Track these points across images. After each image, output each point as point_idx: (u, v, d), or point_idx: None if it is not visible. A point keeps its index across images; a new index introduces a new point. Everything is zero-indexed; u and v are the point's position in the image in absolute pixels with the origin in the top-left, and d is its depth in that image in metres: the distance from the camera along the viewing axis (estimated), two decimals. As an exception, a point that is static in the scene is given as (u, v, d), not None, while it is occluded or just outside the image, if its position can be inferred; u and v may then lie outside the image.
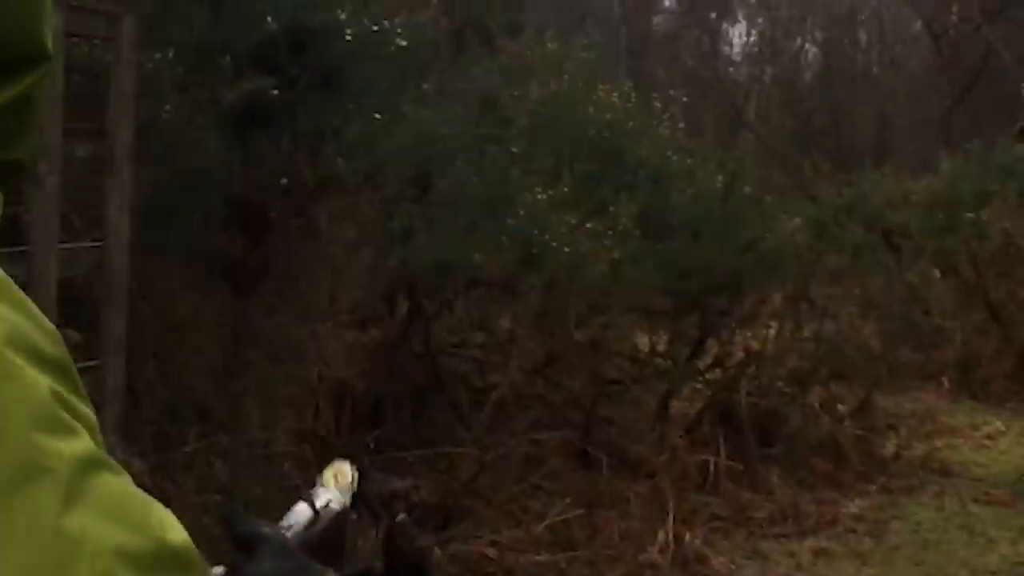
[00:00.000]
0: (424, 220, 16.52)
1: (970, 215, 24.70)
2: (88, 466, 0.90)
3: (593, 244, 18.03)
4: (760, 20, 54.34)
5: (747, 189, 20.93)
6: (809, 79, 51.85)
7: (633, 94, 23.04)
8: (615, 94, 21.97)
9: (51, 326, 0.98)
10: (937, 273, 24.12)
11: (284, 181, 11.34)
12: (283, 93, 10.82)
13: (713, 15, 54.97)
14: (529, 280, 18.89)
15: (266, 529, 1.53)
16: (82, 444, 0.91)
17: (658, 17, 57.63)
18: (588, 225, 17.98)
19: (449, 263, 16.96)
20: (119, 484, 0.93)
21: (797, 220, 24.80)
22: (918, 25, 43.81)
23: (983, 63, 36.68)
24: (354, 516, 1.72)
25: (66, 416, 0.91)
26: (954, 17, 38.59)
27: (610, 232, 18.50)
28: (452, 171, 16.43)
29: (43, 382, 0.91)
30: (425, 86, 15.76)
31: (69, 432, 0.90)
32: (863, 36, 51.54)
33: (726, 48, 55.58)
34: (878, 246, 24.95)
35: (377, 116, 12.36)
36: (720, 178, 21.26)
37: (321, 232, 12.55)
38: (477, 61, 22.93)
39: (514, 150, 19.83)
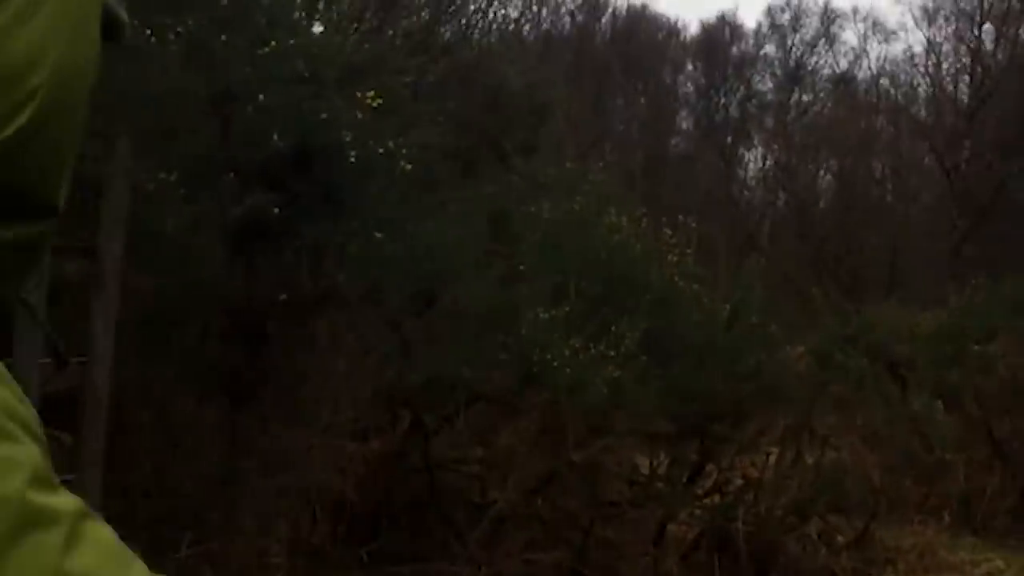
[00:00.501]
0: (426, 334, 16.63)
1: (976, 349, 24.68)
2: (83, 517, 1.01)
3: (595, 365, 18.10)
4: (776, 146, 54.73)
5: (753, 318, 21.03)
6: (823, 206, 52.08)
7: (644, 219, 23.25)
8: (624, 217, 22.15)
9: (34, 411, 1.08)
10: (941, 406, 24.04)
11: (284, 295, 11.44)
12: (286, 209, 10.97)
13: (729, 139, 55.39)
14: (530, 398, 18.95)
15: None
16: (73, 499, 1.02)
17: (675, 139, 58.07)
18: (591, 347, 18.06)
19: (451, 378, 17.02)
20: (109, 532, 1.06)
21: (801, 348, 24.82)
22: (931, 158, 44.10)
23: (994, 199, 36.87)
24: None
25: (55, 477, 1.02)
26: (966, 153, 38.86)
27: (613, 354, 18.58)
28: (457, 286, 16.56)
29: (36, 449, 1.02)
30: (430, 203, 15.92)
31: (61, 490, 1.01)
32: (877, 166, 51.83)
33: (741, 172, 55.97)
34: (882, 377, 24.91)
35: (378, 234, 12.46)
36: (726, 305, 21.41)
37: (320, 345, 12.63)
38: (489, 178, 23.17)
39: (522, 267, 19.99)
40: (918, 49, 46.24)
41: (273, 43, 11.70)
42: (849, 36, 53.73)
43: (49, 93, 1.13)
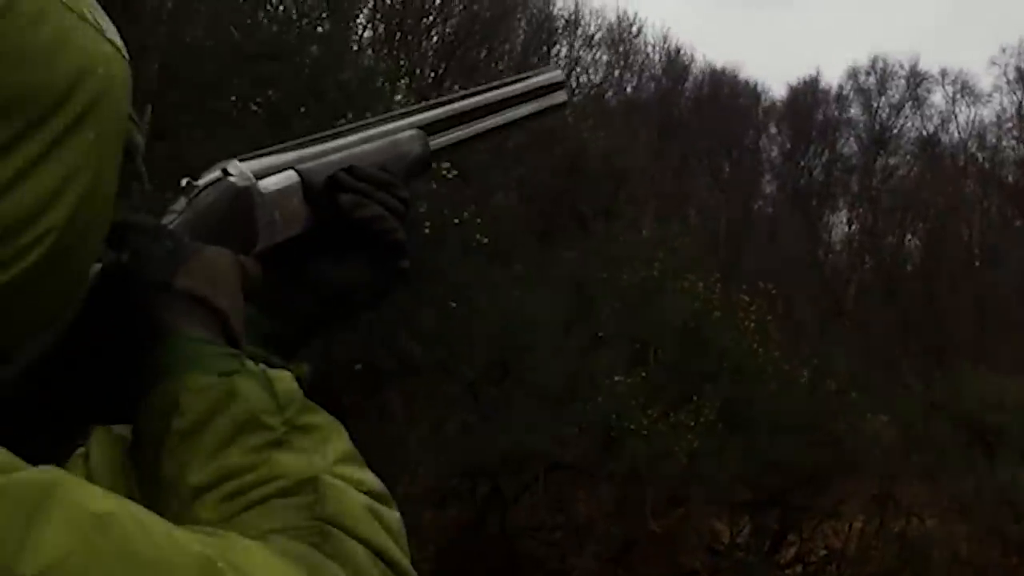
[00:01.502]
0: (504, 403, 16.59)
1: (1066, 419, 24.22)
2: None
3: (674, 434, 17.99)
4: (861, 210, 54.27)
5: (832, 385, 20.84)
6: (909, 270, 51.52)
7: (719, 284, 23.15)
8: (701, 284, 22.08)
9: None
10: (1030, 477, 23.59)
11: (360, 365, 11.47)
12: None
13: (814, 203, 55.01)
14: (609, 466, 18.84)
15: (135, 217, 1.42)
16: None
17: (759, 202, 57.76)
18: (670, 415, 17.97)
19: (529, 447, 16.96)
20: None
21: (884, 418, 24.49)
22: (1020, 222, 43.58)
23: (1084, 264, 36.34)
24: (266, 189, 1.61)
25: None
26: (1056, 216, 38.40)
27: (692, 423, 18.46)
28: (534, 355, 16.54)
29: None
30: (506, 272, 15.96)
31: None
32: (965, 230, 51.24)
33: (826, 236, 55.50)
34: (969, 446, 24.51)
35: (453, 304, 12.49)
36: (805, 372, 21.23)
37: (395, 415, 12.64)
38: (567, 244, 23.18)
39: (600, 335, 19.96)
40: (1008, 112, 45.72)
41: (349, 114, 11.82)
42: (937, 99, 53.04)
43: (61, 237, 1.15)
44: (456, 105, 1.92)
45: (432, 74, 29.25)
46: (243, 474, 1.18)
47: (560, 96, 2.16)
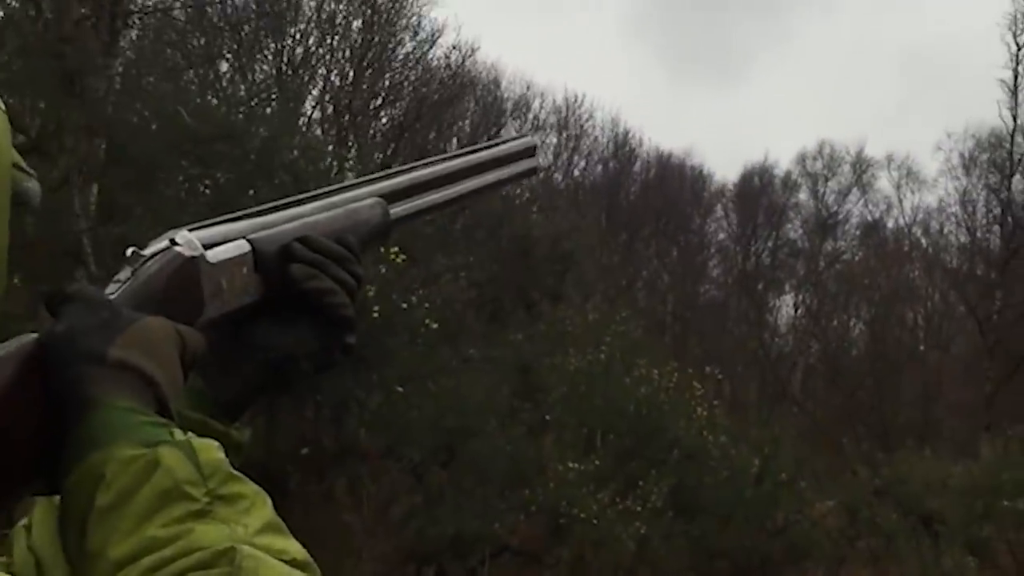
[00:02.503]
0: (450, 487, 16.48)
1: (1009, 504, 24.32)
2: None
3: (623, 520, 17.91)
4: (807, 294, 54.69)
5: (783, 475, 20.86)
6: (855, 354, 51.86)
7: (673, 371, 23.17)
8: (656, 371, 22.11)
9: None
10: (973, 562, 23.64)
11: (305, 450, 11.36)
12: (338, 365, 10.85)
13: (760, 287, 55.39)
14: (557, 552, 18.72)
15: (75, 286, 1.40)
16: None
17: (706, 286, 58.11)
18: (619, 502, 17.88)
19: (475, 531, 16.84)
20: None
21: (830, 503, 24.52)
22: (964, 308, 44.01)
23: (1027, 349, 36.71)
24: (215, 259, 1.56)
25: None
26: (998, 303, 38.74)
27: (640, 509, 18.39)
28: (482, 439, 16.45)
29: None
30: (454, 356, 15.92)
31: None
32: (909, 315, 51.72)
33: (772, 320, 55.86)
34: (915, 531, 24.55)
35: (400, 388, 12.42)
36: (756, 460, 21.21)
37: (341, 500, 12.51)
38: (515, 327, 23.17)
39: (547, 418, 19.90)
40: (952, 198, 46.36)
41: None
42: (883, 184, 53.71)
43: None
44: (420, 173, 1.91)
45: (380, 156, 29.30)
46: (163, 547, 1.16)
47: (532, 162, 2.17)
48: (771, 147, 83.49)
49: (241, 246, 1.57)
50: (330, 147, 25.12)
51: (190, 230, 1.53)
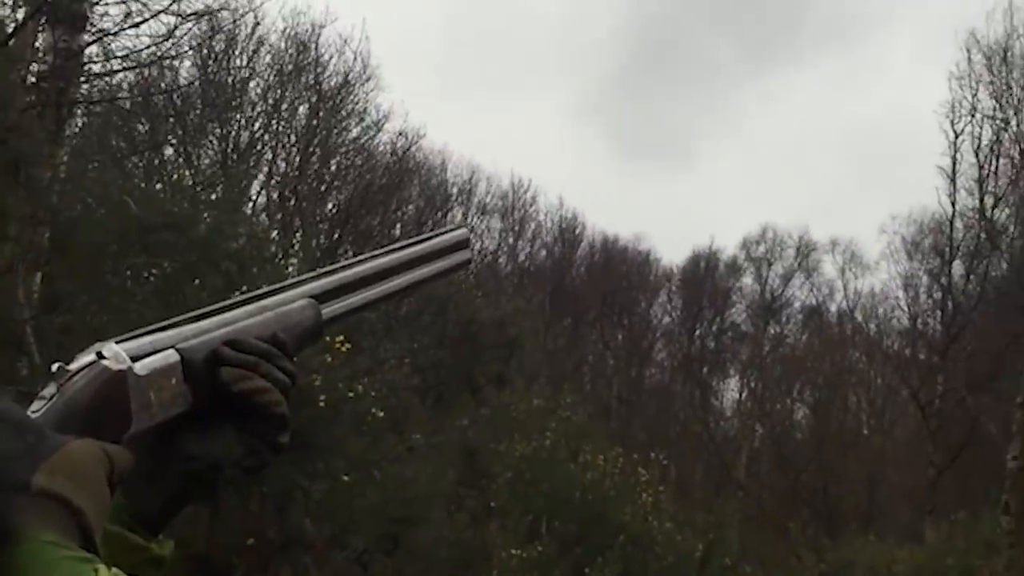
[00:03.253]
0: (395, 575, 16.38)
1: (952, 591, 24.42)
2: None
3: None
4: (751, 377, 54.98)
5: (728, 560, 20.87)
6: (799, 438, 52.06)
7: (619, 457, 23.18)
8: (601, 457, 22.13)
9: None
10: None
11: (250, 540, 11.28)
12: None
13: (705, 370, 55.63)
14: (502, 640, 18.61)
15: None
16: None
17: (651, 370, 58.31)
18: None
19: (420, 620, 16.74)
20: None
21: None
22: (906, 392, 44.31)
23: (969, 433, 36.88)
24: (143, 371, 1.52)
25: None
26: (940, 388, 39.03)
27: (585, 596, 18.36)
28: (427, 527, 16.39)
29: None
30: (400, 443, 15.89)
31: None
32: (852, 399, 52.02)
33: (717, 403, 56.08)
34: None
35: (345, 477, 12.38)
36: (700, 545, 21.24)
37: (285, 591, 12.42)
38: (461, 413, 23.14)
39: (493, 504, 19.84)
40: (894, 282, 46.84)
41: (244, 287, 11.75)
42: (826, 268, 54.20)
43: None
44: (351, 272, 1.92)
45: (326, 240, 29.32)
46: None
47: (465, 254, 2.18)
48: (717, 231, 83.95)
49: (170, 356, 1.57)
50: (275, 233, 25.12)
51: (117, 342, 1.54)
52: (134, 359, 1.53)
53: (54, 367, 1.49)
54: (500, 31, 73.85)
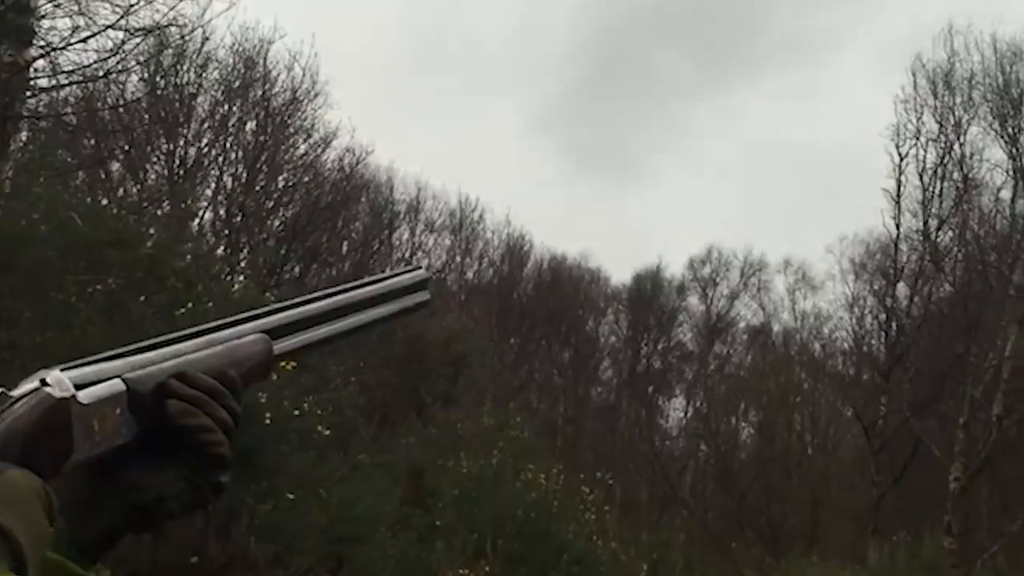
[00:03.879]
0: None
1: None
2: None
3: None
4: (697, 397, 55.19)
5: (670, 577, 20.97)
6: (744, 457, 52.28)
7: (562, 476, 23.22)
8: (543, 475, 22.15)
9: None
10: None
11: (194, 559, 11.23)
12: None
13: (651, 389, 55.80)
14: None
15: None
16: None
17: (598, 388, 58.43)
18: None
19: (364, 639, 16.67)
20: None
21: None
22: (850, 412, 44.57)
23: (912, 455, 37.15)
24: (88, 399, 1.51)
25: None
26: (883, 409, 39.29)
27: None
28: (372, 545, 16.34)
29: None
30: (346, 462, 15.85)
31: None
32: (797, 419, 52.28)
33: (663, 423, 56.25)
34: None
35: (290, 495, 12.34)
36: (645, 565, 21.29)
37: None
38: (407, 431, 23.12)
39: (438, 523, 19.82)
40: (839, 303, 47.16)
41: (190, 304, 11.76)
42: (771, 289, 54.58)
43: None
44: (306, 308, 1.89)
45: (273, 257, 29.22)
46: None
47: (423, 295, 2.15)
48: (666, 249, 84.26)
49: (115, 386, 1.56)
50: (222, 250, 25.02)
51: (63, 369, 1.52)
52: (79, 387, 1.51)
53: None
54: (453, 45, 73.89)
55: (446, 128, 71.89)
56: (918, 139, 39.14)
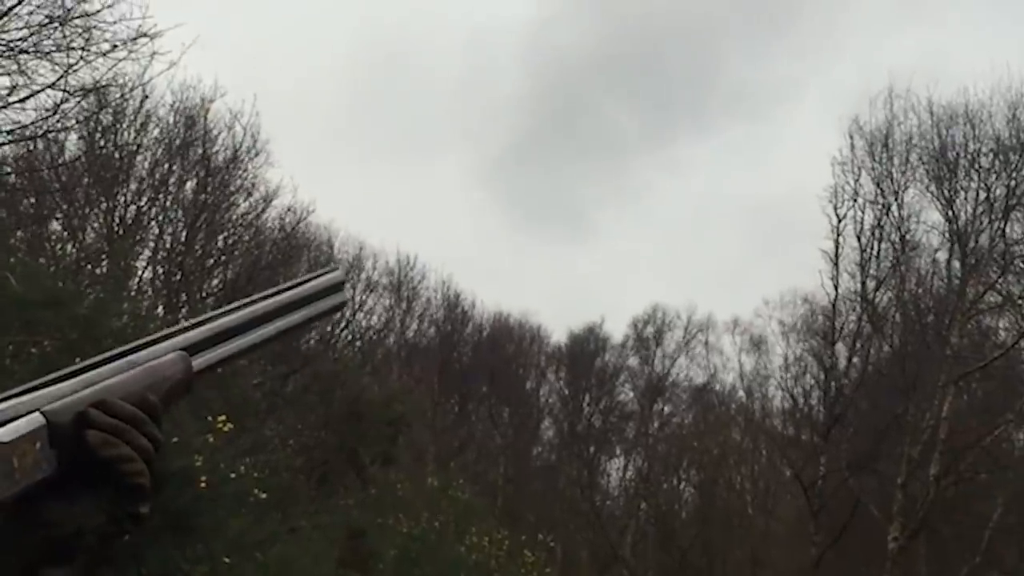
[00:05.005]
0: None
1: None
2: None
3: None
4: (637, 456, 55.21)
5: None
6: (684, 517, 52.35)
7: (506, 540, 23.12)
8: (487, 538, 22.05)
9: None
10: None
11: (126, 624, 11.07)
12: (132, 534, 10.65)
13: (592, 449, 55.74)
14: None
15: None
16: None
17: (538, 447, 58.34)
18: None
19: None
20: None
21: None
22: (789, 471, 44.76)
23: (851, 514, 37.34)
24: (7, 437, 1.47)
25: None
26: (823, 469, 39.49)
27: None
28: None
29: None
30: (283, 524, 15.71)
31: None
32: (737, 479, 52.42)
33: (603, 482, 56.18)
34: None
35: (226, 559, 12.21)
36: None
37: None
38: (345, 492, 22.97)
39: (379, 586, 19.70)
40: (777, 364, 47.44)
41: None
42: (713, 348, 54.76)
43: None
44: (223, 321, 1.89)
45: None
46: None
47: (340, 296, 2.16)
48: (608, 306, 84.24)
49: (34, 420, 1.54)
50: (160, 309, 24.86)
51: None
52: None
53: None
54: (395, 97, 73.75)
55: (387, 184, 71.71)
56: (856, 200, 39.62)
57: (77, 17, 18.50)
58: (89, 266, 21.45)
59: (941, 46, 66.89)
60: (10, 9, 18.33)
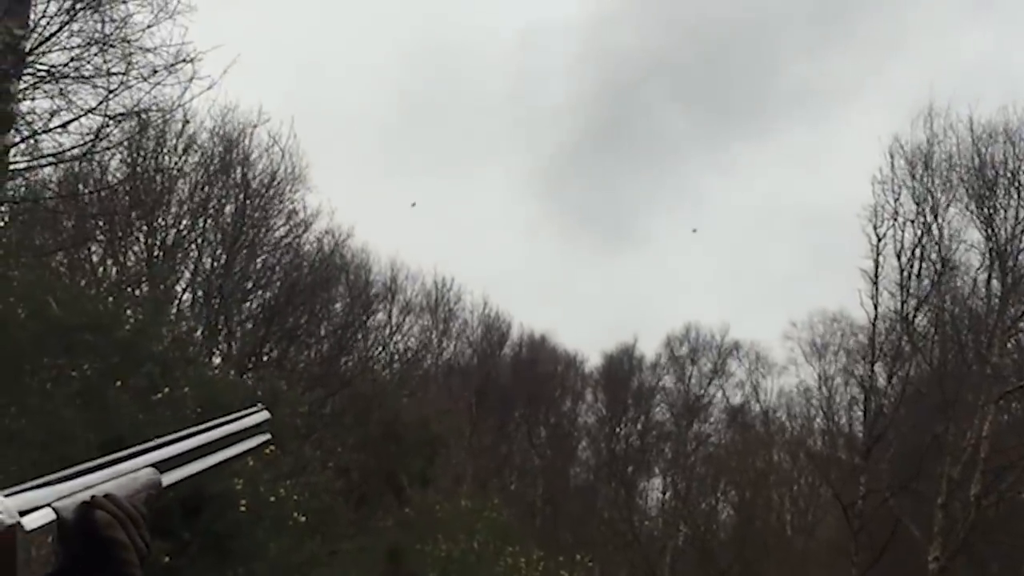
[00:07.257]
0: None
1: None
2: None
3: None
4: (674, 477, 55.04)
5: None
6: (723, 537, 52.12)
7: (543, 562, 23.07)
8: (523, 559, 22.01)
9: None
10: None
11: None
12: (175, 557, 10.81)
13: (630, 469, 55.64)
14: None
15: None
16: None
17: (576, 468, 58.23)
18: None
19: None
20: None
21: None
22: (827, 491, 44.53)
23: (891, 535, 37.10)
24: (30, 528, 1.51)
25: None
26: (863, 489, 39.27)
27: None
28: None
29: None
30: (323, 546, 15.74)
31: None
32: (776, 499, 52.15)
33: (641, 502, 56.04)
34: None
35: (267, 582, 12.26)
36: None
37: None
38: (384, 513, 23.00)
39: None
40: (811, 382, 47.27)
41: (167, 389, 11.76)
42: (756, 367, 54.60)
43: None
44: (180, 445, 1.98)
45: (251, 339, 29.17)
46: None
47: (264, 436, 2.29)
48: (640, 331, 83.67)
49: (48, 515, 1.58)
50: (200, 332, 24.96)
51: (5, 495, 1.54)
52: (21, 514, 1.53)
53: None
54: (443, 112, 73.33)
55: (431, 199, 71.29)
56: (896, 220, 39.41)
57: (116, 43, 18.65)
58: (129, 289, 21.59)
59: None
60: (51, 35, 18.50)
